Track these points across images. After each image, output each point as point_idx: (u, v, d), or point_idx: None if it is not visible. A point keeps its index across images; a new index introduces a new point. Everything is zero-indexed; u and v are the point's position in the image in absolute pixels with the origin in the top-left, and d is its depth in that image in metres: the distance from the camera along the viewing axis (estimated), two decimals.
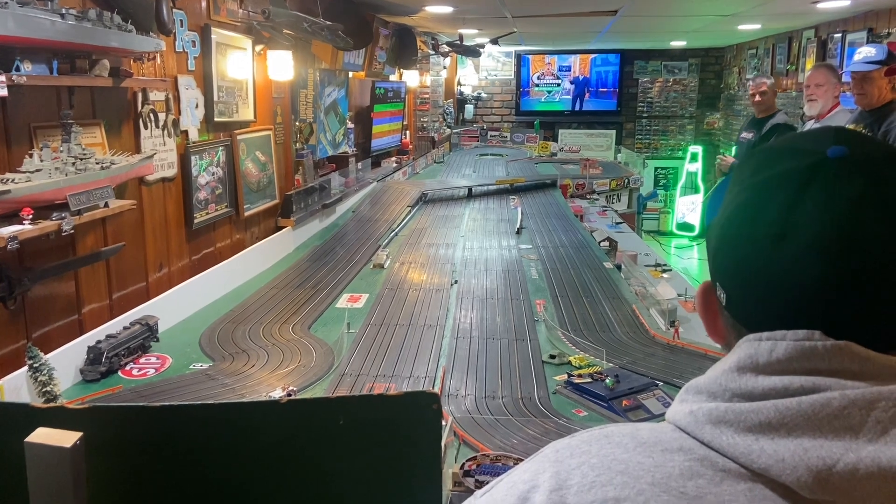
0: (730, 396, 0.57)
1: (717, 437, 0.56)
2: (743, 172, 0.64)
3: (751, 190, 0.61)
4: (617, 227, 5.17)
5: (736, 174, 0.66)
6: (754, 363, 0.58)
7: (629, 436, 0.61)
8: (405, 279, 3.63)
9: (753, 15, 5.95)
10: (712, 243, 0.65)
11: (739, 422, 0.55)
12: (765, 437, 0.54)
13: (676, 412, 0.61)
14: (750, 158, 0.65)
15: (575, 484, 0.58)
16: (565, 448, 0.62)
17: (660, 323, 2.88)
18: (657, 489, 0.55)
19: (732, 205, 0.62)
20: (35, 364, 2.00)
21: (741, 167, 0.65)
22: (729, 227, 0.62)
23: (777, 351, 0.57)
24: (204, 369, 2.43)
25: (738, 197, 0.62)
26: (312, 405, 1.36)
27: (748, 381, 0.57)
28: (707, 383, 0.60)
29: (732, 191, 0.64)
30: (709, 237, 0.67)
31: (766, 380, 0.56)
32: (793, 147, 0.62)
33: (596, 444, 0.61)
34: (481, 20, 6.37)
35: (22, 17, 1.91)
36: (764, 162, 0.62)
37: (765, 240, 0.58)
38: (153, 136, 2.83)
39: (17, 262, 2.10)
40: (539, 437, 1.90)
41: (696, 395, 0.60)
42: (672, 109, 10.71)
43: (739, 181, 0.63)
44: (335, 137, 5.34)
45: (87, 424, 1.13)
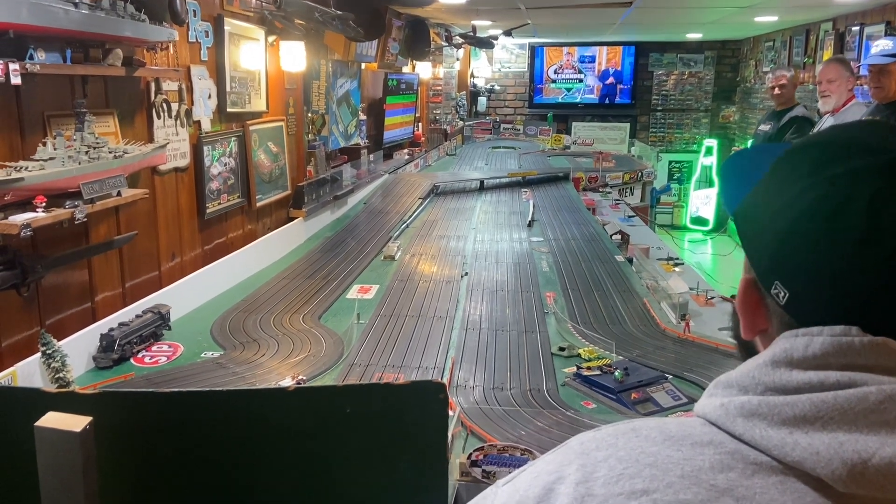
0: (763, 390, 0.57)
1: (749, 430, 0.56)
2: (800, 165, 0.61)
3: (823, 187, 0.58)
4: (629, 221, 5.15)
5: (785, 165, 0.63)
6: (789, 358, 0.57)
7: (657, 429, 0.60)
8: (416, 271, 3.63)
9: (771, 7, 5.89)
10: (768, 239, 0.61)
11: (773, 415, 0.55)
12: (799, 431, 0.54)
13: (705, 406, 0.60)
14: (804, 150, 0.63)
15: (602, 476, 0.57)
16: (591, 441, 0.62)
17: (671, 316, 2.86)
18: (687, 482, 0.55)
19: (799, 201, 0.59)
20: (48, 350, 2.02)
21: (792, 158, 0.63)
22: (800, 226, 0.58)
23: (813, 346, 0.56)
24: (215, 358, 2.44)
25: (805, 193, 0.59)
26: (319, 393, 1.37)
27: (782, 375, 0.57)
28: (738, 377, 0.59)
29: (790, 184, 0.61)
30: (754, 230, 0.64)
31: (801, 374, 0.56)
32: (860, 142, 0.60)
33: (623, 438, 0.60)
34: (495, 11, 6.34)
35: (36, 6, 1.93)
36: (829, 156, 0.60)
37: (846, 244, 0.56)
38: (166, 125, 2.85)
39: (31, 249, 2.12)
40: (547, 428, 1.90)
41: (725, 389, 0.60)
42: (687, 102, 10.62)
43: (799, 175, 0.60)
44: (347, 129, 5.34)
45: (97, 409, 1.14)
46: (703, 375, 2.25)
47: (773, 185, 0.64)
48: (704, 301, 3.10)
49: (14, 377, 1.95)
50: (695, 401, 2.09)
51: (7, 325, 2.10)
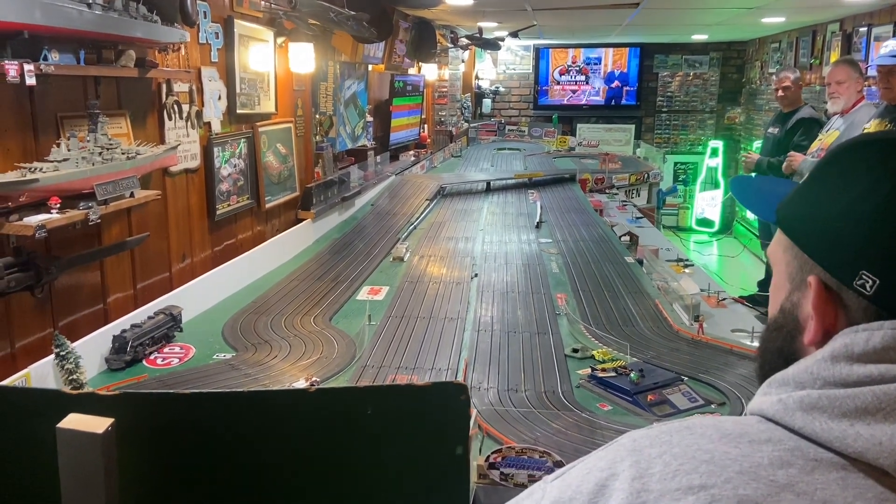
0: (822, 384, 0.57)
1: (809, 423, 0.55)
2: (858, 162, 0.63)
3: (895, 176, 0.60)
4: (637, 222, 5.13)
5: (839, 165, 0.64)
6: (849, 352, 0.57)
7: (712, 427, 0.59)
8: (425, 272, 3.62)
9: (778, 7, 5.87)
10: (845, 232, 0.62)
11: (834, 407, 0.55)
12: (860, 422, 0.54)
13: (761, 403, 0.60)
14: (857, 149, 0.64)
15: (657, 472, 0.57)
16: (644, 437, 0.61)
17: (683, 318, 2.85)
18: (746, 477, 0.54)
19: (875, 194, 0.60)
20: (62, 352, 2.01)
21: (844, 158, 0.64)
22: (884, 217, 0.59)
23: (874, 340, 0.56)
24: (227, 359, 2.43)
25: (879, 186, 0.60)
26: (341, 394, 1.36)
27: (842, 369, 0.57)
28: (795, 374, 0.59)
29: (853, 181, 0.62)
30: (819, 229, 0.64)
31: (861, 368, 0.56)
32: None
33: (677, 435, 0.59)
34: (501, 13, 6.33)
35: (49, 7, 1.93)
36: (892, 149, 0.62)
37: None
38: (177, 127, 2.84)
39: (45, 250, 2.12)
40: (564, 430, 1.88)
41: (781, 386, 0.60)
42: (692, 104, 10.60)
43: (862, 171, 0.62)
44: (354, 130, 5.34)
45: (118, 411, 1.13)
46: (718, 377, 2.23)
47: (829, 183, 0.64)
48: (716, 302, 3.09)
49: (28, 379, 1.95)
50: (711, 403, 2.08)
51: (21, 327, 2.10)
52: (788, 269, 0.66)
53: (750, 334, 2.66)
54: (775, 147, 5.00)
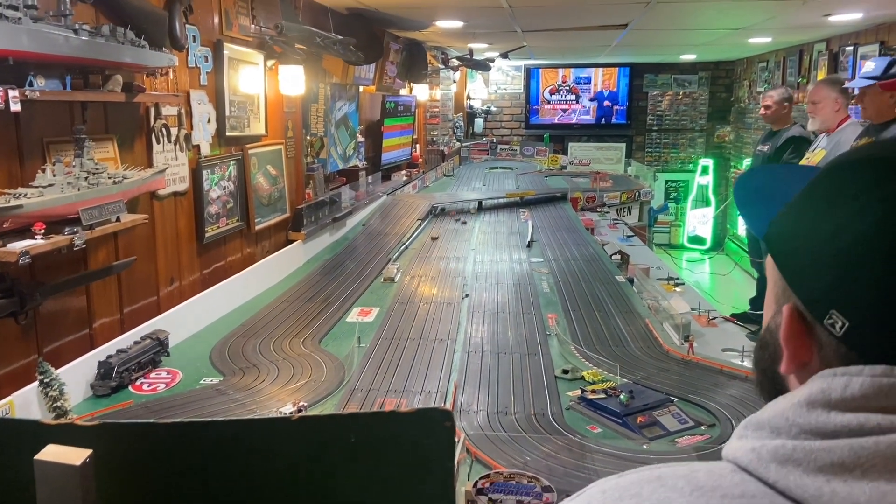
0: (797, 433, 0.54)
1: (783, 478, 0.52)
2: (846, 185, 0.58)
3: (880, 207, 0.54)
4: (628, 241, 5.14)
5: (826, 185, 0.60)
6: (826, 399, 0.54)
7: (684, 479, 0.56)
8: (416, 293, 3.61)
9: (764, 28, 5.94)
10: (821, 264, 0.57)
11: (809, 461, 0.52)
12: (837, 479, 0.50)
13: (736, 449, 0.57)
14: (846, 169, 0.59)
15: None
16: (614, 489, 0.58)
17: (674, 337, 2.84)
18: None
19: (856, 224, 0.55)
20: (46, 379, 1.99)
21: (834, 178, 0.60)
22: (861, 252, 0.54)
23: (852, 386, 0.53)
24: (214, 384, 2.41)
25: (861, 216, 0.55)
26: (323, 422, 1.34)
27: (819, 416, 0.53)
28: (771, 418, 0.56)
29: (838, 206, 0.57)
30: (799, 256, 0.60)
31: (839, 416, 0.53)
32: None
33: (648, 487, 0.56)
34: (491, 34, 6.39)
35: (35, 33, 1.93)
36: (879, 174, 0.56)
37: None
38: (165, 150, 2.84)
39: (29, 276, 2.11)
40: (553, 454, 1.87)
41: (756, 430, 0.56)
42: (682, 122, 10.68)
43: (848, 195, 0.57)
44: (346, 151, 5.35)
45: (98, 441, 1.12)
46: (708, 398, 2.23)
47: (815, 206, 0.60)
48: (706, 321, 3.08)
49: (11, 407, 1.92)
50: (701, 424, 2.07)
51: (4, 354, 2.08)
52: (776, 288, 0.63)
53: (740, 354, 2.66)
54: (765, 165, 5.04)
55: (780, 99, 5.12)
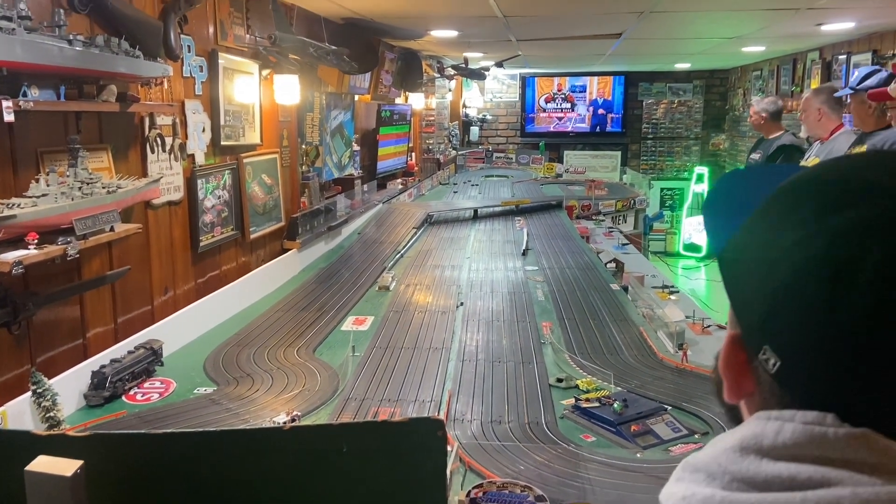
0: (729, 481, 0.51)
1: None
2: (798, 207, 0.53)
3: (825, 239, 0.49)
4: (623, 249, 5.16)
5: (780, 205, 0.55)
6: (758, 445, 0.51)
7: None
8: (411, 301, 3.61)
9: (758, 37, 5.98)
10: (759, 295, 0.53)
11: None
12: None
13: (670, 496, 0.55)
14: (803, 188, 0.54)
15: None
16: None
17: (668, 346, 2.85)
18: None
19: (796, 255, 0.51)
20: (39, 389, 1.99)
21: (788, 197, 0.54)
22: (796, 287, 0.50)
23: (784, 434, 0.50)
24: (208, 394, 2.41)
25: (804, 245, 0.50)
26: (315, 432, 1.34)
27: (751, 464, 0.51)
28: (706, 461, 0.54)
29: (785, 231, 0.52)
30: (742, 282, 0.56)
31: (770, 465, 0.50)
32: (870, 181, 0.51)
33: None
34: (486, 44, 6.41)
35: (30, 44, 1.93)
36: (833, 199, 0.51)
37: (850, 315, 0.47)
38: (160, 160, 2.85)
39: (23, 286, 2.10)
40: (547, 463, 1.87)
41: (693, 473, 0.54)
42: (677, 130, 10.73)
43: (797, 220, 0.52)
44: (341, 160, 5.36)
45: (89, 452, 1.12)
46: (702, 406, 2.23)
47: (764, 228, 0.55)
48: (701, 329, 3.09)
49: (4, 417, 1.91)
50: (695, 432, 2.07)
51: None
52: (730, 313, 0.59)
53: None
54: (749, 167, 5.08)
55: (759, 109, 5.17)
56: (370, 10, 4.38)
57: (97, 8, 2.38)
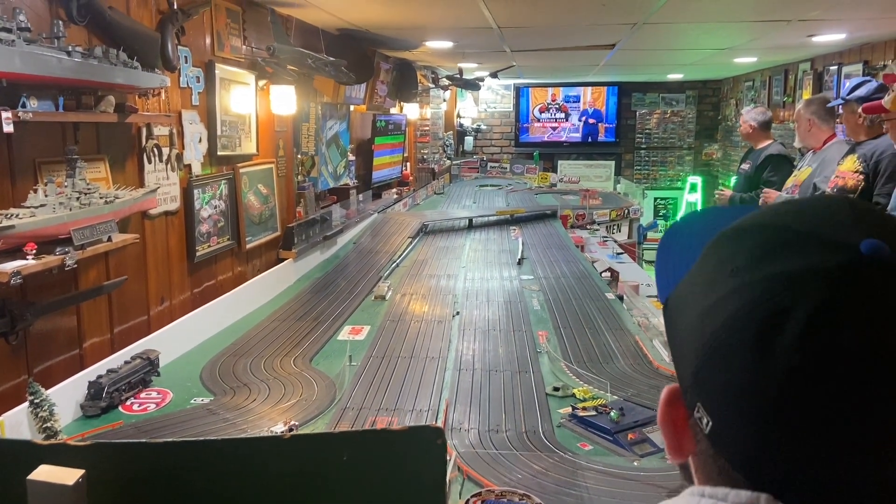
0: None
1: None
2: (736, 254, 0.49)
3: (755, 290, 0.46)
4: (618, 258, 5.18)
5: (720, 250, 0.51)
6: None
7: None
8: (407, 311, 3.62)
9: (749, 48, 6.03)
10: (692, 346, 0.49)
11: None
12: None
13: None
14: (743, 233, 0.51)
15: None
16: None
17: (663, 354, 2.86)
18: None
19: (727, 305, 0.47)
20: (36, 400, 1.98)
21: (729, 243, 0.51)
22: (723, 339, 0.46)
23: None
24: (205, 404, 2.41)
25: (735, 296, 0.47)
26: (316, 440, 1.35)
27: None
28: None
29: (721, 279, 0.49)
30: (679, 331, 0.52)
31: None
32: (809, 230, 0.47)
33: None
34: (481, 54, 6.45)
35: (29, 55, 1.94)
36: (769, 247, 0.48)
37: (774, 374, 0.43)
38: (157, 170, 2.85)
39: (20, 296, 2.10)
40: (545, 471, 1.88)
41: None
42: (670, 140, 10.79)
43: (733, 268, 0.48)
44: (336, 169, 5.38)
45: (90, 461, 1.12)
46: None
47: (703, 276, 0.51)
48: None
49: (1, 427, 1.91)
50: None
51: None
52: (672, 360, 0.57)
53: None
54: (747, 183, 5.12)
55: (748, 119, 5.24)
56: (366, 21, 4.41)
57: (95, 19, 2.39)
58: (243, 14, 3.56)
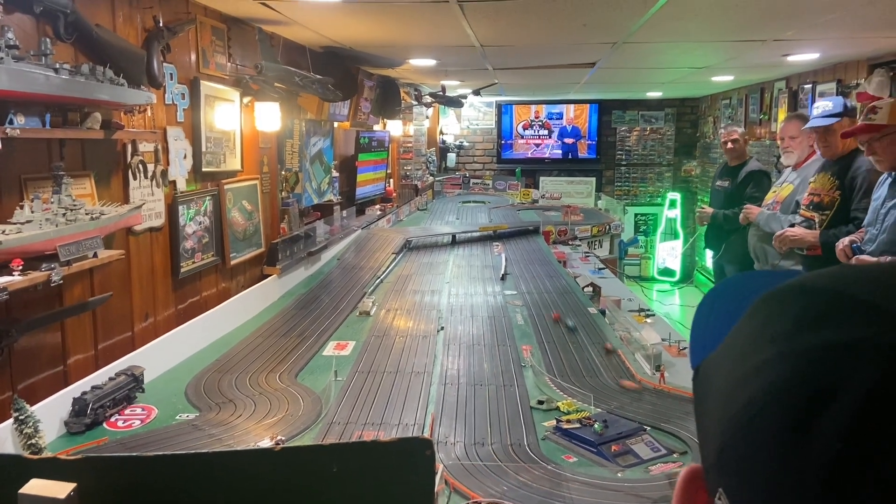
0: None
1: None
2: (777, 316, 0.43)
3: (796, 362, 0.39)
4: (600, 273, 5.24)
5: (762, 309, 0.45)
6: None
7: None
8: (391, 326, 3.64)
9: (726, 67, 6.16)
10: (719, 418, 0.43)
11: None
12: None
13: None
14: (789, 295, 0.44)
15: None
16: None
17: (645, 368, 2.90)
18: None
19: (761, 376, 0.40)
20: (21, 416, 1.97)
21: (771, 302, 0.45)
22: (755, 417, 0.40)
23: None
24: (190, 420, 2.40)
25: (772, 366, 0.40)
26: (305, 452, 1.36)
27: None
28: None
29: (757, 345, 0.42)
30: (706, 403, 0.46)
31: None
32: (859, 297, 0.40)
33: None
34: (463, 72, 6.53)
35: (17, 73, 1.96)
36: (816, 314, 0.41)
37: (819, 464, 0.36)
38: (142, 186, 2.86)
39: (4, 313, 2.10)
40: (530, 483, 1.90)
41: None
42: (650, 157, 10.94)
43: (772, 334, 0.42)
44: (320, 186, 5.39)
45: (81, 475, 1.13)
46: (680, 426, 2.28)
47: (741, 339, 0.45)
48: (677, 351, 3.15)
49: None
50: (674, 452, 2.12)
51: None
52: None
53: None
54: (728, 200, 5.20)
55: (743, 133, 5.35)
56: (351, 39, 4.46)
57: (82, 37, 2.41)
58: (228, 32, 3.59)
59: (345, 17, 3.63)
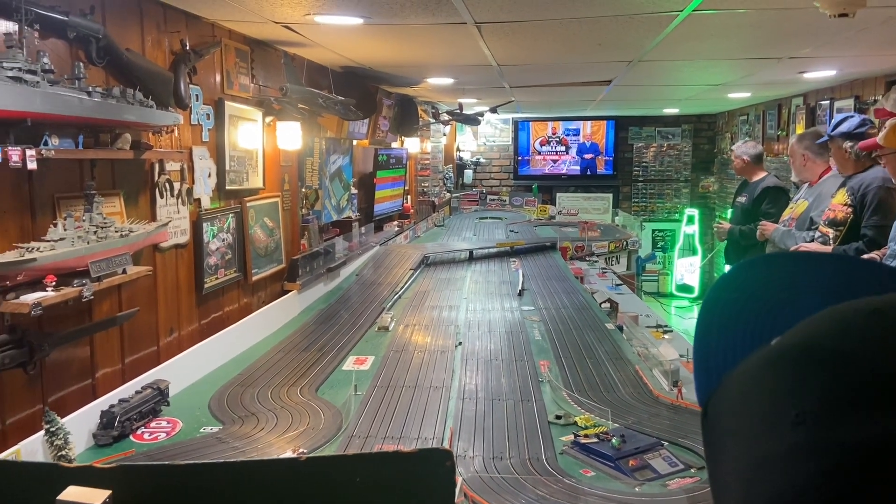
0: None
1: None
2: (801, 387, 0.37)
3: (826, 460, 0.35)
4: (617, 289, 5.24)
5: (781, 373, 0.39)
6: None
7: None
8: (410, 341, 3.68)
9: (742, 84, 6.18)
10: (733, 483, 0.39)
11: None
12: None
13: None
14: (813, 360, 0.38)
15: None
16: None
17: (663, 383, 2.91)
18: None
19: (791, 469, 0.36)
20: (52, 428, 2.03)
21: (793, 365, 0.39)
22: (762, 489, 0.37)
23: None
24: (214, 433, 2.45)
25: (800, 459, 0.36)
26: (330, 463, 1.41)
27: None
28: None
29: (782, 418, 0.37)
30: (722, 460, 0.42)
31: None
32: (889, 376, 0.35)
33: None
34: (480, 90, 6.60)
35: (52, 96, 2.04)
36: (848, 392, 0.36)
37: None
38: (168, 204, 2.94)
39: (37, 327, 2.16)
40: (548, 496, 1.92)
41: None
42: (667, 173, 10.93)
43: (796, 409, 0.37)
44: (339, 203, 5.47)
45: (116, 483, 1.18)
46: (698, 442, 2.29)
47: (758, 403, 0.40)
48: None
49: (18, 455, 1.96)
50: (691, 467, 2.13)
51: (12, 403, 2.12)
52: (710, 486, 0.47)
53: None
54: (744, 216, 5.21)
55: (740, 153, 5.41)
56: (370, 59, 4.54)
57: (113, 61, 2.50)
58: (251, 53, 3.69)
59: (365, 39, 3.71)
